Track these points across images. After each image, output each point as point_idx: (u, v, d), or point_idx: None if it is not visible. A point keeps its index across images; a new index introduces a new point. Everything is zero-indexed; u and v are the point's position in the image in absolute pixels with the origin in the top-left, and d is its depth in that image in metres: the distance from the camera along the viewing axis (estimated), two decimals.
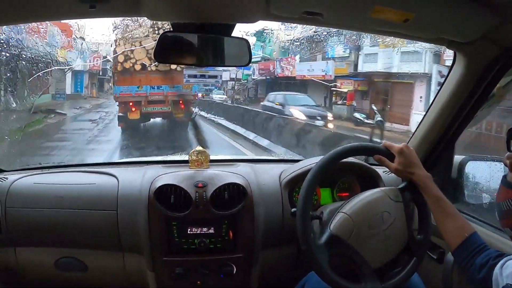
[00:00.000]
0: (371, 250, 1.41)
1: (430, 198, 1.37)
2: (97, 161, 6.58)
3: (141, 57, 11.44)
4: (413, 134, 1.93)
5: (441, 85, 1.72)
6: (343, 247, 1.40)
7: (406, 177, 1.44)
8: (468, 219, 1.68)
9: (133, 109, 11.70)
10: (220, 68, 10.26)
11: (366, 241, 1.41)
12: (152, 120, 13.01)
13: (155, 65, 11.38)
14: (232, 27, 1.37)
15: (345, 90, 17.46)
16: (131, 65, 11.50)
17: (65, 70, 14.50)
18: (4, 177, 1.86)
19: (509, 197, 1.14)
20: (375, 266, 1.42)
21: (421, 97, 14.79)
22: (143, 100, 11.84)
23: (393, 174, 1.89)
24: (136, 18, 8.86)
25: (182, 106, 12.30)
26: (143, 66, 11.57)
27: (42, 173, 1.96)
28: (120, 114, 12.10)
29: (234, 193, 1.74)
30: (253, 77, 23.18)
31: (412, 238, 1.47)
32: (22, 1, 1.21)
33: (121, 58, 11.51)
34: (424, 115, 1.84)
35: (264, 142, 11.36)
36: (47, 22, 8.56)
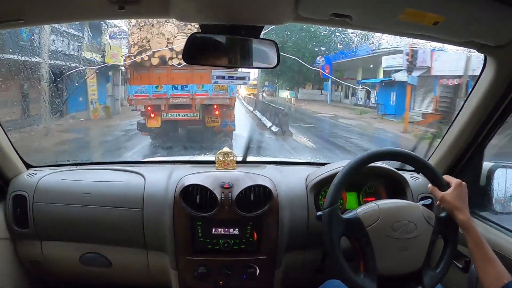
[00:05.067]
0: (383, 251, 1.42)
1: (473, 241, 1.35)
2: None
3: (160, 47, 8.69)
4: (442, 139, 1.90)
5: (471, 89, 1.69)
6: (360, 231, 1.42)
7: (450, 211, 1.42)
8: (496, 228, 1.65)
9: (152, 115, 9.13)
10: (248, 69, 7.11)
11: (383, 239, 1.41)
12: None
13: (178, 58, 8.69)
14: (260, 29, 1.37)
15: None
16: (147, 58, 8.78)
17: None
18: (33, 173, 1.92)
19: None
20: (379, 269, 1.42)
21: None
22: (163, 104, 9.15)
23: (421, 181, 1.89)
24: None
25: (217, 113, 9.37)
26: (163, 60, 8.85)
27: (70, 170, 2.00)
28: (139, 121, 9.53)
29: (260, 195, 1.74)
30: None
31: (425, 266, 1.46)
32: (51, 2, 1.24)
33: (134, 49, 8.75)
34: (454, 120, 1.81)
35: None
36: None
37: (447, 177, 1.48)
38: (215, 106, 9.27)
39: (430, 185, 1.50)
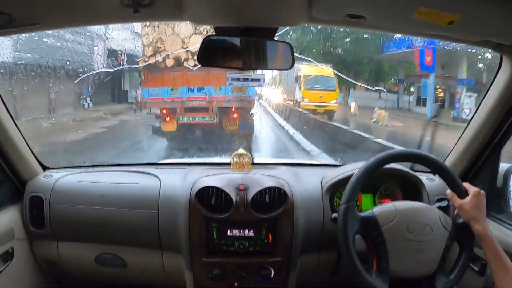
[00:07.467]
0: (397, 252, 1.41)
1: (490, 251, 1.34)
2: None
3: (174, 48, 8.31)
4: (458, 140, 1.88)
5: (486, 90, 1.67)
6: (375, 230, 1.42)
7: (467, 220, 1.41)
8: None
9: (167, 118, 8.83)
10: (263, 71, 6.88)
11: (397, 239, 1.41)
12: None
13: (193, 59, 8.22)
14: (274, 31, 1.38)
15: None
16: (161, 60, 8.43)
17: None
18: (50, 175, 1.95)
19: None
20: (392, 270, 1.41)
21: None
22: (178, 107, 8.80)
23: (437, 182, 1.88)
24: None
25: (235, 116, 8.97)
26: (178, 61, 8.50)
27: (86, 172, 2.03)
28: (154, 124, 9.27)
29: (275, 196, 1.74)
30: None
31: (439, 271, 1.45)
32: (67, 6, 1.26)
33: (148, 51, 8.43)
34: (469, 121, 1.79)
35: None
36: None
37: (466, 185, 1.47)
38: (233, 109, 8.94)
39: (449, 191, 1.49)
